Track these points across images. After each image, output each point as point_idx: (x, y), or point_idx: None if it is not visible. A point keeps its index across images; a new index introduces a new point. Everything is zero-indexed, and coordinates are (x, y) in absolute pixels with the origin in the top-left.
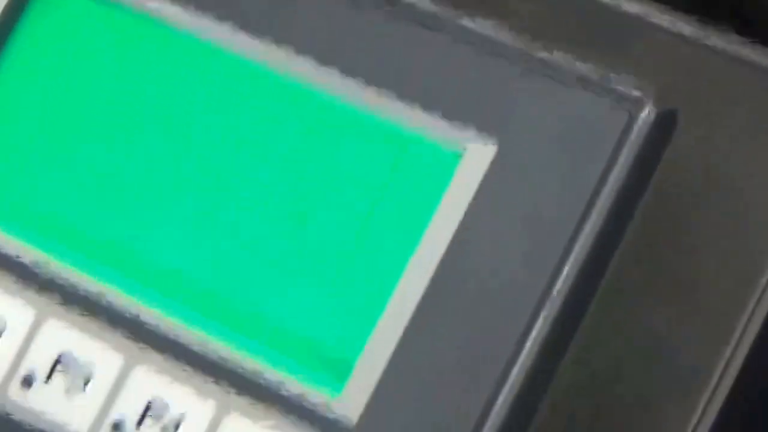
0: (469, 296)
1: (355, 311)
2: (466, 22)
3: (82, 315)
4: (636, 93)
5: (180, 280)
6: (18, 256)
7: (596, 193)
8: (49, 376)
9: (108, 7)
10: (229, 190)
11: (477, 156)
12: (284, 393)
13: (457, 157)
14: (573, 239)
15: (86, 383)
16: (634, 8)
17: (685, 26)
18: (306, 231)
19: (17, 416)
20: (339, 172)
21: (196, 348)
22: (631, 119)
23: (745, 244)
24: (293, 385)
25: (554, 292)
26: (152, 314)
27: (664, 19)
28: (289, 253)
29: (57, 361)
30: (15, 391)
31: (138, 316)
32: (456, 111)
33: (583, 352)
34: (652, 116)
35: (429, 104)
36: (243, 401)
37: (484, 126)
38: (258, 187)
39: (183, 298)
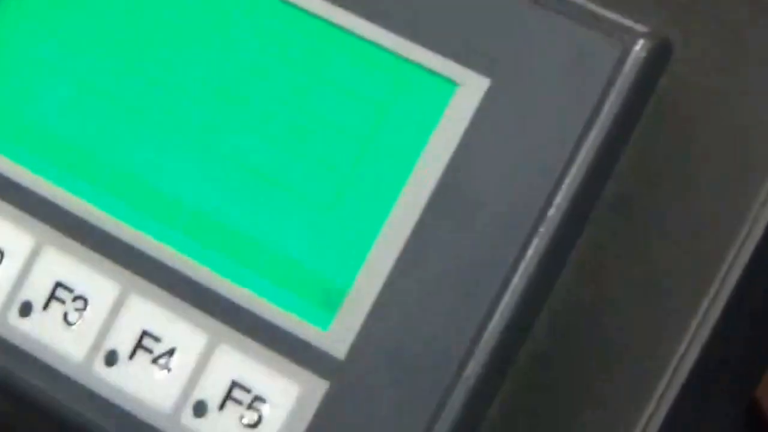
0: (461, 227)
1: (347, 242)
2: None
3: (80, 243)
4: (630, 25)
5: (177, 208)
6: (18, 182)
7: (588, 126)
8: (46, 305)
9: None
10: (225, 116)
11: (471, 87)
12: (274, 325)
13: (451, 88)
14: (564, 172)
15: (82, 312)
16: None
17: None
18: (300, 159)
19: (14, 343)
20: (335, 99)
21: (189, 276)
22: (625, 51)
23: (739, 174)
24: (283, 317)
25: (545, 222)
26: (149, 242)
27: None
28: (283, 180)
29: (54, 289)
30: (13, 318)
31: (134, 243)
32: (450, 43)
33: (575, 277)
34: (646, 49)
35: (424, 36)
36: (233, 333)
37: (478, 58)
38: (254, 114)
39: (179, 226)
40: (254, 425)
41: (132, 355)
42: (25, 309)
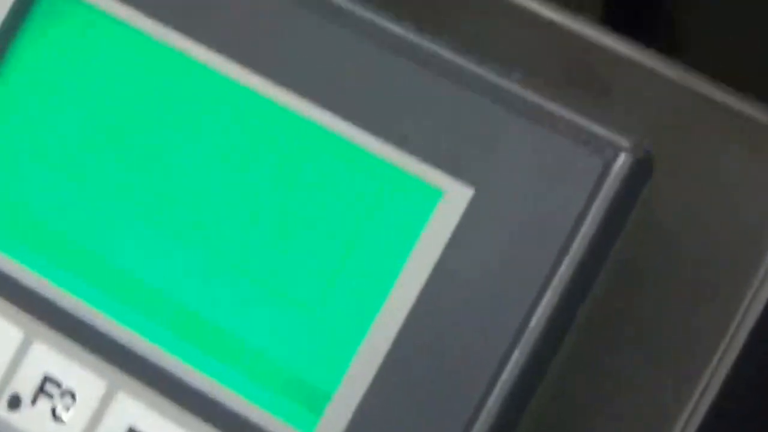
0: (444, 334)
1: (332, 344)
2: (448, 57)
3: (69, 337)
4: (612, 138)
5: (164, 306)
6: (7, 274)
7: (570, 239)
8: (34, 399)
9: (108, 21)
10: (213, 217)
11: (455, 196)
12: (258, 428)
13: (437, 195)
14: (546, 284)
15: (70, 407)
16: (614, 49)
17: (665, 69)
18: (288, 261)
19: None
20: (322, 202)
21: (176, 376)
22: (607, 167)
23: (717, 289)
24: (267, 419)
25: (526, 334)
26: (136, 339)
27: (644, 62)
28: (271, 282)
29: (43, 384)
30: (2, 411)
31: (122, 340)
32: (436, 151)
33: (554, 389)
34: (628, 164)
35: (411, 143)
36: None
37: (463, 166)
38: (241, 214)
39: (166, 324)
40: None
41: None
42: (14, 402)
